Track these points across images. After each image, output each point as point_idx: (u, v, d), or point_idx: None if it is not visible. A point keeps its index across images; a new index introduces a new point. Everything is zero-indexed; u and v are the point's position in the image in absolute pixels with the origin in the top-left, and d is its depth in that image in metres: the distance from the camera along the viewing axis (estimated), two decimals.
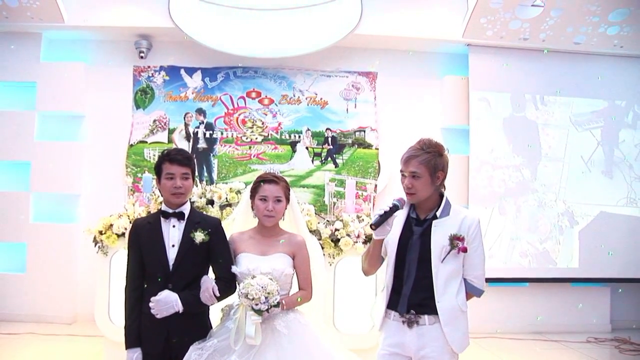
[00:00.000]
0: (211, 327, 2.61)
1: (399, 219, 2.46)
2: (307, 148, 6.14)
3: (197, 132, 6.07)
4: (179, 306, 2.43)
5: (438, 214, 2.40)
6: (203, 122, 6.09)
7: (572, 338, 5.73)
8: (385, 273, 2.50)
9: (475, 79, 6.11)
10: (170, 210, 2.57)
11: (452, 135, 6.23)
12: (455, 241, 2.34)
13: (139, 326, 2.51)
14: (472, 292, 2.44)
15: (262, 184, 2.66)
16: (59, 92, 5.92)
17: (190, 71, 6.16)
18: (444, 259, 2.35)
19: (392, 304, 2.44)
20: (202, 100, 6.12)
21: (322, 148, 6.15)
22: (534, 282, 6.07)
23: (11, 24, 5.77)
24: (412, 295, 2.38)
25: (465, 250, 2.34)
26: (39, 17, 5.67)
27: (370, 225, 2.32)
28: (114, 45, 6.19)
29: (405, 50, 6.31)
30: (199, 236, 2.53)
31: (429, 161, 2.35)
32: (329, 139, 6.16)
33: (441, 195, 2.45)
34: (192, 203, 2.68)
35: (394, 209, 2.35)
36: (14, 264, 5.85)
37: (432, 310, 2.35)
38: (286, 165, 6.09)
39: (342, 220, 4.26)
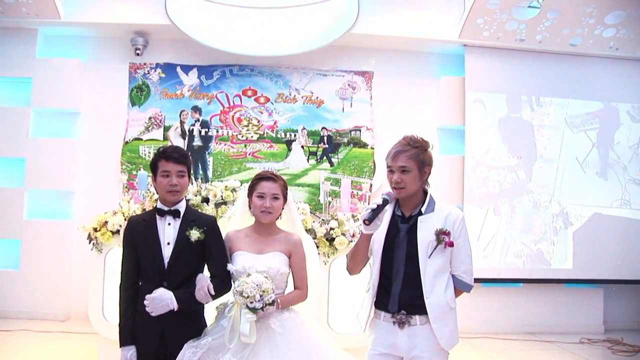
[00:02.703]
0: (206, 325, 2.61)
1: (385, 217, 2.44)
2: (302, 147, 6.14)
3: (192, 129, 6.05)
4: (173, 304, 2.42)
5: (423, 210, 2.40)
6: (199, 120, 6.08)
7: (565, 339, 5.76)
8: (370, 273, 2.49)
9: (471, 80, 6.13)
10: (166, 208, 2.56)
11: (447, 136, 6.26)
12: (442, 236, 2.34)
13: (134, 324, 2.50)
14: (461, 287, 2.44)
15: (260, 181, 2.66)
16: (54, 89, 5.92)
17: (187, 69, 6.14)
18: (430, 254, 2.35)
19: (381, 304, 2.42)
20: (198, 98, 6.11)
21: (318, 147, 6.15)
22: (528, 282, 6.09)
23: (7, 20, 5.75)
24: (402, 293, 2.37)
25: (451, 244, 2.35)
26: (35, 12, 5.65)
27: (364, 221, 2.29)
28: (110, 42, 6.17)
29: (401, 50, 6.32)
30: (195, 234, 2.52)
31: (417, 156, 2.37)
32: (325, 137, 6.15)
33: (425, 192, 2.46)
34: (187, 201, 2.67)
35: (385, 203, 2.34)
36: (8, 261, 5.84)
37: (423, 309, 2.34)
38: (281, 163, 6.08)
39: (337, 219, 4.26)
